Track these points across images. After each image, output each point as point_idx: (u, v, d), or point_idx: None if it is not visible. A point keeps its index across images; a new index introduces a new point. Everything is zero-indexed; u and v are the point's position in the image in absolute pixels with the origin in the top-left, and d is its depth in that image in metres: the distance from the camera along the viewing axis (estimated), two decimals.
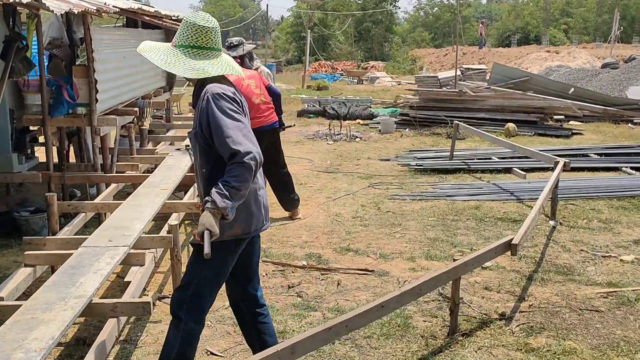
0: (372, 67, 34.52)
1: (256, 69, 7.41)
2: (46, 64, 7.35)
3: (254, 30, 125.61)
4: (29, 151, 6.85)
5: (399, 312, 4.61)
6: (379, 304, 3.51)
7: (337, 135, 13.42)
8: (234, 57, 7.56)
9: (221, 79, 3.26)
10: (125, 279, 4.53)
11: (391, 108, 17.10)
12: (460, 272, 4.15)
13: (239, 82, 6.52)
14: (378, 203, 7.97)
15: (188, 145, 7.67)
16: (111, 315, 3.53)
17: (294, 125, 13.48)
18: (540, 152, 8.26)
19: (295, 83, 27.12)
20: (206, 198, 3.02)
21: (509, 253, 4.69)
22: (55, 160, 7.00)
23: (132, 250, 4.36)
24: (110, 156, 7.12)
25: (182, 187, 6.92)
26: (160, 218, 6.29)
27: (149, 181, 6.18)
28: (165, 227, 5.21)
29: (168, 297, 5.01)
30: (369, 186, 8.93)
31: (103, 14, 6.33)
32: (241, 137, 3.04)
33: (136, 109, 7.68)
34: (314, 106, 16.89)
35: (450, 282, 4.23)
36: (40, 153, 7.28)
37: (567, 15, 60.58)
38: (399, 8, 56.58)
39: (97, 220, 6.33)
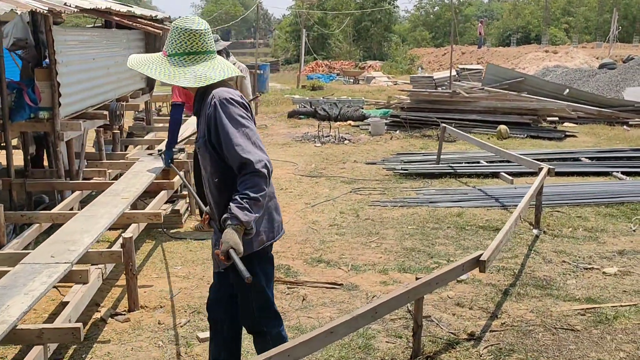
0: (369, 66, 34.22)
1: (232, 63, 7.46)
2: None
3: (255, 29, 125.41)
4: None
5: (362, 331, 4.35)
6: (327, 329, 3.25)
7: (326, 137, 13.16)
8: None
9: (224, 82, 3.08)
10: (65, 299, 4.26)
11: (384, 109, 16.82)
12: (422, 292, 3.88)
13: None
14: (358, 210, 7.71)
15: (160, 150, 7.42)
16: (37, 342, 3.27)
17: (266, 126, 13.25)
18: (524, 157, 7.98)
19: (291, 83, 26.88)
20: (225, 215, 2.81)
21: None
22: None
23: (75, 267, 4.11)
24: (77, 161, 6.86)
25: (152, 194, 6.66)
26: (126, 227, 6.03)
27: (111, 189, 5.95)
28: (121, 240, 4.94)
29: (122, 314, 4.77)
30: (351, 191, 8.67)
31: (62, 14, 6.05)
32: (250, 145, 2.88)
33: (106, 112, 7.42)
34: (305, 107, 16.62)
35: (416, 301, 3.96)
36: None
37: (568, 15, 60.17)
38: (398, 7, 56.15)
39: None
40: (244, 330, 3.37)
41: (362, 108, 16.83)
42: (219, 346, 3.41)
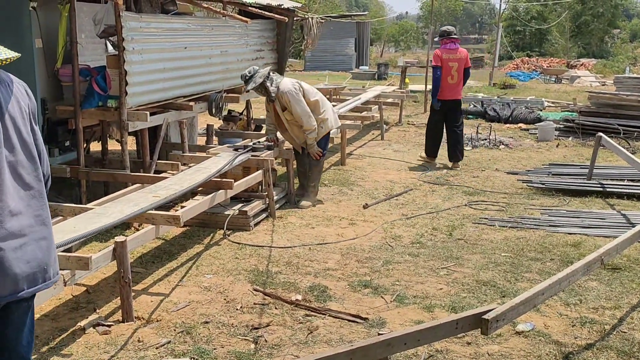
0: (581, 65, 31.30)
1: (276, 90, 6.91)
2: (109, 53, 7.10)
3: (481, 24, 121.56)
4: (67, 143, 6.57)
5: None
6: None
7: (483, 140, 11.92)
8: (256, 89, 6.81)
9: None
10: None
11: (567, 112, 15.02)
12: (378, 354, 2.95)
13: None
14: (456, 227, 6.66)
15: (247, 145, 7.05)
16: None
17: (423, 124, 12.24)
18: None
19: (485, 80, 25.28)
20: None
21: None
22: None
23: None
24: (151, 154, 6.66)
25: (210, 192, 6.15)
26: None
27: (157, 184, 5.62)
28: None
29: (105, 325, 4.37)
30: (465, 204, 7.58)
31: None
32: None
33: (192, 103, 7.14)
34: (475, 106, 15.34)
35: None
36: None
37: None
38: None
39: None
40: None
41: (541, 110, 15.16)
42: None
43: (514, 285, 5.15)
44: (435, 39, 10.57)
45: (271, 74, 6.87)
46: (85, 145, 6.97)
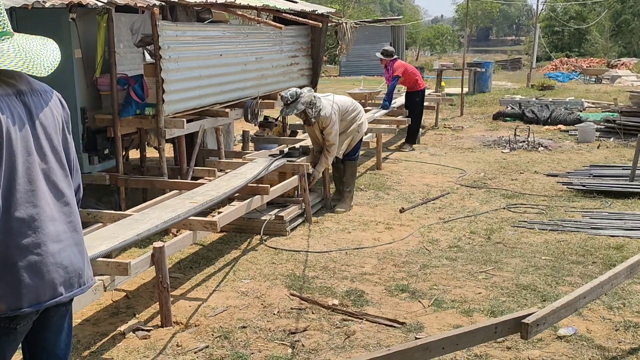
0: (622, 64, 30.70)
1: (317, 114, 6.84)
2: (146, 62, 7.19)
3: (518, 26, 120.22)
4: (106, 151, 6.66)
5: None
6: None
7: (521, 142, 11.75)
8: (298, 114, 6.77)
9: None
10: None
11: (608, 112, 14.73)
12: (416, 359, 2.93)
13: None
14: (494, 230, 6.58)
15: (282, 151, 7.08)
16: None
17: (462, 127, 12.16)
18: None
19: (523, 81, 24.98)
20: None
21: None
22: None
23: None
24: (188, 160, 6.72)
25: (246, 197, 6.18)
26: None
27: (194, 190, 5.67)
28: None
29: (145, 330, 4.42)
30: (504, 208, 7.48)
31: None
32: None
33: (227, 110, 7.18)
34: (512, 108, 15.15)
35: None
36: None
37: None
38: None
39: None
40: None
41: (580, 111, 14.90)
42: None
43: (555, 289, 5.06)
44: (391, 57, 11.33)
45: (314, 99, 6.74)
46: (123, 152, 7.06)
